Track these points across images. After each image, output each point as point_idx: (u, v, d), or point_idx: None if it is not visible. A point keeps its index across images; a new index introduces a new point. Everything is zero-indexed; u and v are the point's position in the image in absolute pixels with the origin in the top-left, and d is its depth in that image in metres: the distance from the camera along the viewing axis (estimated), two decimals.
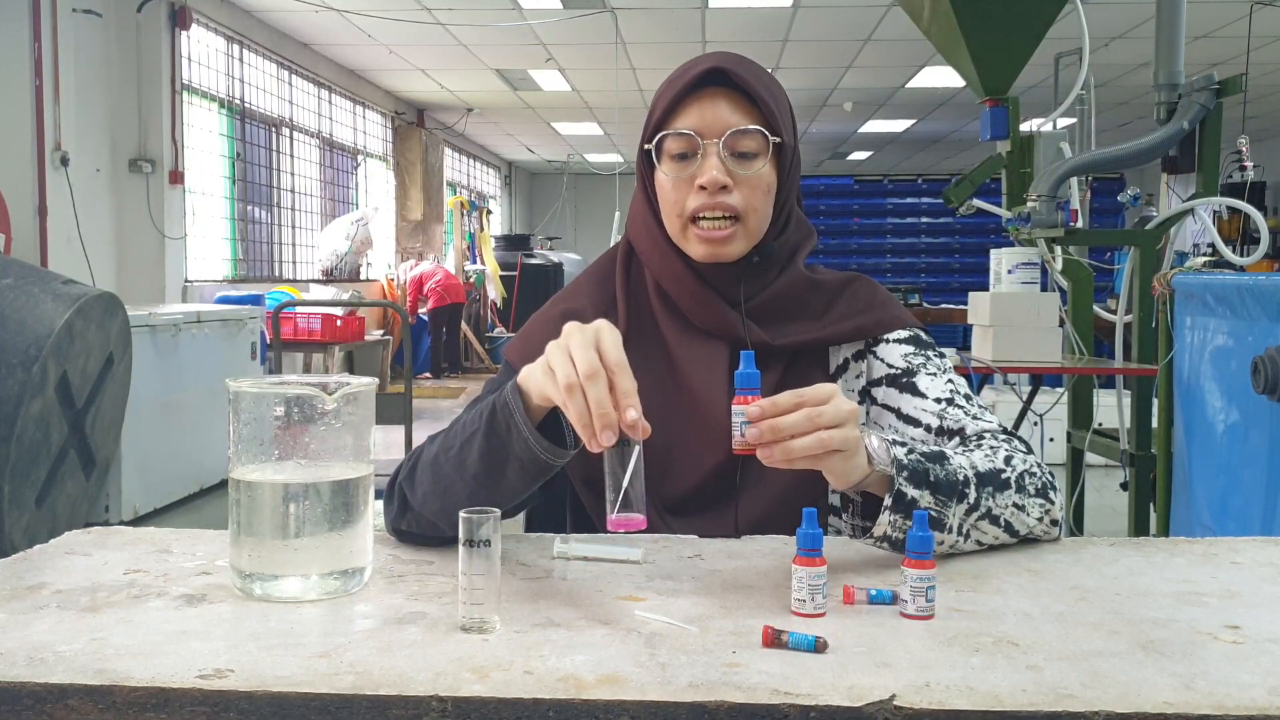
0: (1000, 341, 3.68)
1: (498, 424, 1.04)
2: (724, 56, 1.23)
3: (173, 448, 5.13)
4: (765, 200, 1.23)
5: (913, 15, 4.52)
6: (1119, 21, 7.80)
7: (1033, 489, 1.12)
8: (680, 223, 1.22)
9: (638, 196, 1.29)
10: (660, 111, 1.22)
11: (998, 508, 1.09)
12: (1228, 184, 6.18)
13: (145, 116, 6.81)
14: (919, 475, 1.05)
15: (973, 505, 1.07)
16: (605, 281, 1.32)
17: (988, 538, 1.10)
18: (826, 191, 12.03)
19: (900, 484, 1.03)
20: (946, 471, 1.07)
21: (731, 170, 1.20)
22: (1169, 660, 0.81)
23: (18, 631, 0.86)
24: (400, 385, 6.90)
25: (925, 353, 1.28)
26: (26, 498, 3.62)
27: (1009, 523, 1.10)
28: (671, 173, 1.22)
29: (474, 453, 1.06)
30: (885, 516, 1.04)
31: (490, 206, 15.40)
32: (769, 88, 1.23)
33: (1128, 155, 3.74)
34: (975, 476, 1.08)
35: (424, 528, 1.12)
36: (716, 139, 1.19)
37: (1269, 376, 2.59)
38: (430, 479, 1.10)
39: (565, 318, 1.30)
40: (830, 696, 0.73)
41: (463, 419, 1.13)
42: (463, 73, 10.30)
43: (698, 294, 1.24)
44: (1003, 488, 1.10)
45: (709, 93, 1.21)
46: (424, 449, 1.15)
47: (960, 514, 1.06)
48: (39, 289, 3.67)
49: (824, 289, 1.29)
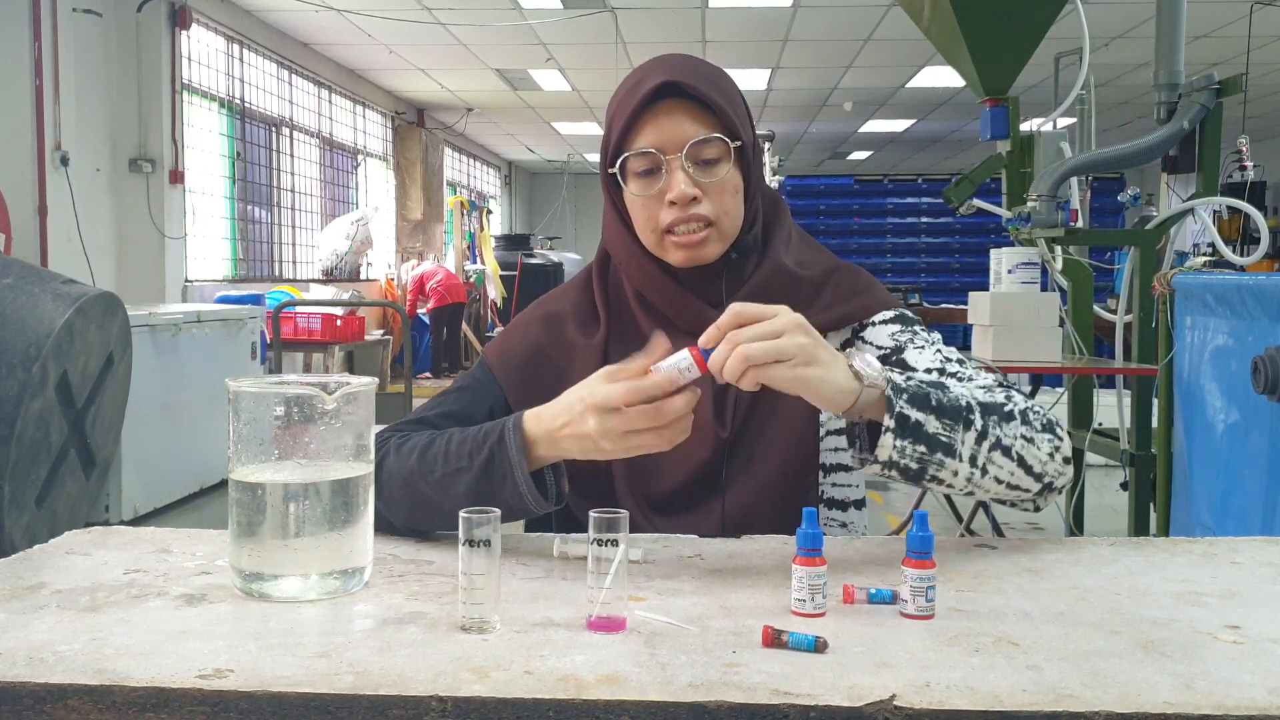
0: (1000, 341, 3.68)
1: (493, 472, 1.07)
2: (673, 66, 1.22)
3: (173, 448, 5.13)
4: (735, 201, 1.23)
5: (913, 15, 4.52)
6: (1119, 21, 7.80)
7: (1039, 424, 1.11)
8: (656, 236, 1.23)
9: (608, 211, 1.29)
10: (618, 132, 1.22)
11: (1007, 438, 1.08)
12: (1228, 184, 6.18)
13: (145, 116, 6.81)
14: (920, 398, 1.04)
15: (981, 432, 1.06)
16: (587, 286, 1.33)
17: (1004, 473, 1.08)
18: (826, 191, 12.01)
19: (901, 405, 1.02)
20: (949, 397, 1.06)
21: (698, 180, 1.20)
22: (1169, 660, 0.81)
23: (17, 631, 0.86)
24: (400, 385, 6.90)
25: (911, 328, 1.28)
26: (26, 498, 3.62)
27: (1021, 456, 1.08)
28: (639, 191, 1.22)
29: (460, 488, 1.08)
30: (889, 439, 1.02)
31: (490, 206, 15.40)
32: (722, 91, 1.22)
33: (1128, 155, 3.74)
34: (979, 405, 1.08)
35: (380, 525, 1.13)
36: (678, 153, 1.19)
37: (1269, 376, 2.59)
38: (403, 493, 1.12)
39: (547, 320, 1.31)
40: (830, 696, 0.73)
41: (441, 444, 1.12)
42: (463, 73, 10.30)
43: (678, 298, 1.25)
44: (1008, 418, 1.09)
45: (665, 106, 1.20)
46: (387, 455, 1.15)
47: (971, 442, 1.05)
48: (39, 289, 3.67)
49: (806, 280, 1.29)
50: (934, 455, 1.05)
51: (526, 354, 1.29)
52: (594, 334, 1.29)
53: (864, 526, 1.30)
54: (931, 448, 1.05)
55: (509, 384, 1.28)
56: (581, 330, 1.30)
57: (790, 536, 0.97)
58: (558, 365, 1.27)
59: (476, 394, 1.28)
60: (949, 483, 1.08)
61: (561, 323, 1.31)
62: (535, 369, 1.28)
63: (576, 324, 1.30)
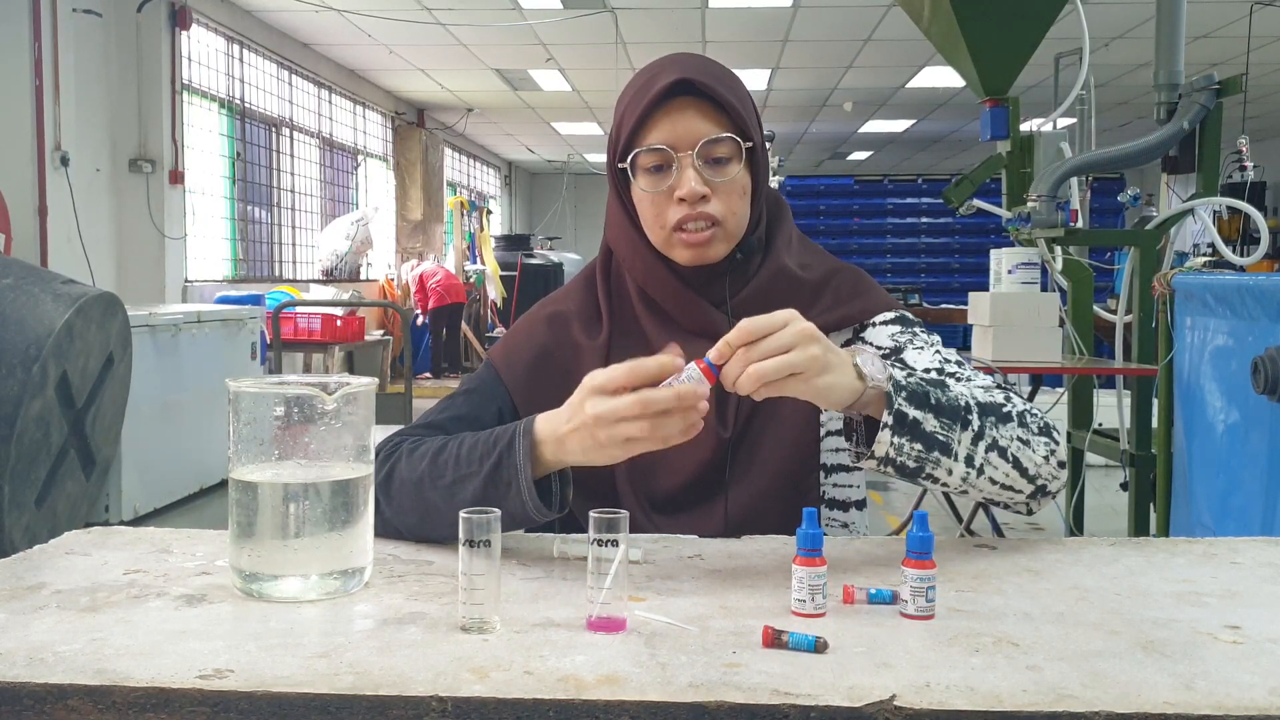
0: (1000, 341, 3.68)
1: (500, 479, 1.07)
2: (686, 64, 1.22)
3: (173, 448, 5.13)
4: (743, 202, 1.24)
5: (913, 15, 4.52)
6: (1119, 21, 7.80)
7: (1035, 427, 1.12)
8: (664, 233, 1.23)
9: (614, 207, 1.29)
10: (630, 127, 1.22)
11: (1003, 439, 1.08)
12: (1228, 184, 6.19)
13: (145, 116, 6.81)
14: (919, 396, 1.04)
15: (978, 433, 1.06)
16: (590, 285, 1.34)
17: (999, 474, 1.09)
18: (826, 191, 12.02)
19: (900, 403, 1.03)
20: (948, 396, 1.07)
21: (707, 179, 1.20)
22: (1169, 660, 0.81)
23: (17, 631, 0.86)
24: (400, 385, 6.90)
25: (911, 329, 1.29)
26: (26, 498, 3.62)
27: (1016, 458, 1.09)
28: (649, 187, 1.22)
29: (467, 494, 1.08)
30: (886, 435, 1.03)
31: (490, 206, 15.40)
32: (734, 91, 1.23)
33: (1128, 155, 3.74)
34: (977, 405, 1.08)
35: (388, 532, 1.14)
36: (690, 150, 1.20)
37: (1269, 376, 2.59)
38: (413, 500, 1.12)
39: (550, 320, 1.31)
40: (830, 696, 0.73)
41: (453, 449, 1.12)
42: (463, 73, 10.30)
43: (682, 297, 1.26)
44: (1005, 420, 1.09)
45: (677, 104, 1.20)
46: (399, 461, 1.15)
47: (968, 442, 1.06)
48: (39, 289, 3.67)
49: (808, 282, 1.30)
50: (931, 453, 1.06)
51: (531, 355, 1.29)
52: (597, 334, 1.29)
53: (865, 527, 1.30)
54: (929, 446, 1.06)
55: (515, 386, 1.28)
56: (585, 331, 1.30)
57: (790, 537, 0.97)
58: (563, 366, 1.27)
59: (484, 396, 1.28)
60: (944, 481, 1.09)
61: (565, 323, 1.31)
62: (540, 370, 1.28)
63: (580, 324, 1.30)
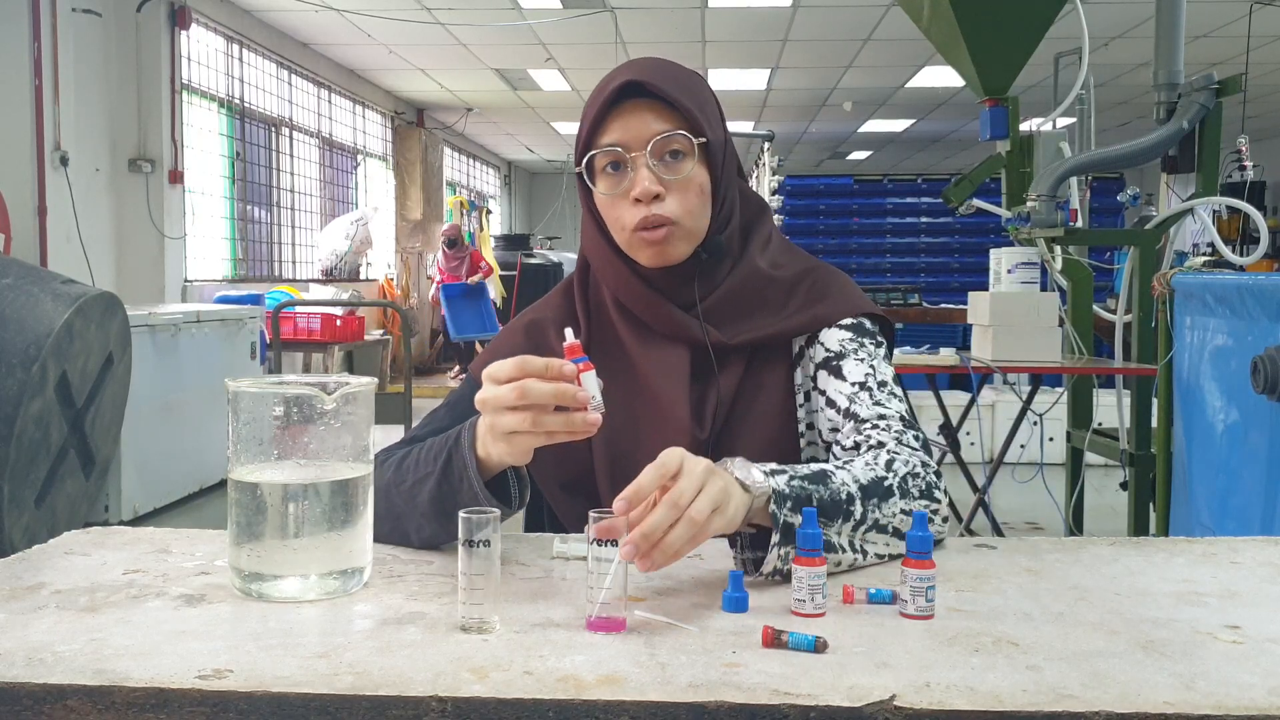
0: (1000, 341, 3.68)
1: (452, 474, 1.08)
2: (640, 67, 1.24)
3: (173, 448, 5.13)
4: (700, 201, 1.24)
5: (912, 15, 4.52)
6: (1119, 21, 7.80)
7: (916, 491, 1.11)
8: (626, 235, 1.24)
9: (586, 217, 1.31)
10: (586, 131, 1.25)
11: (885, 517, 1.07)
12: (1227, 184, 6.19)
13: (145, 116, 6.81)
14: (801, 500, 1.01)
15: (859, 520, 1.05)
16: (569, 294, 1.36)
17: (882, 547, 1.07)
18: (826, 191, 12.00)
19: (785, 516, 1.00)
20: (830, 491, 1.04)
21: (661, 177, 1.21)
22: (1169, 660, 0.81)
23: (17, 632, 0.86)
24: (400, 385, 6.89)
25: (860, 339, 1.29)
26: (26, 497, 3.62)
27: (897, 529, 1.08)
28: (606, 189, 1.24)
29: (425, 494, 1.10)
30: (775, 552, 0.99)
31: (490, 206, 15.40)
32: (688, 89, 1.24)
33: (1128, 155, 3.74)
34: (859, 491, 1.06)
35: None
36: (643, 150, 1.21)
37: (1269, 376, 2.59)
38: (384, 506, 1.12)
39: (529, 329, 1.33)
40: (830, 696, 0.73)
41: (415, 454, 1.14)
42: (462, 73, 10.30)
43: (652, 301, 1.26)
44: (886, 496, 1.08)
45: (630, 105, 1.22)
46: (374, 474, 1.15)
47: (848, 531, 1.04)
48: (39, 289, 3.66)
49: (781, 281, 1.30)
50: None
51: None
52: None
53: None
54: None
55: None
56: (562, 338, 1.30)
57: None
58: None
59: (464, 409, 1.27)
60: (832, 568, 1.04)
61: (543, 331, 1.32)
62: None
63: (557, 332, 1.30)
